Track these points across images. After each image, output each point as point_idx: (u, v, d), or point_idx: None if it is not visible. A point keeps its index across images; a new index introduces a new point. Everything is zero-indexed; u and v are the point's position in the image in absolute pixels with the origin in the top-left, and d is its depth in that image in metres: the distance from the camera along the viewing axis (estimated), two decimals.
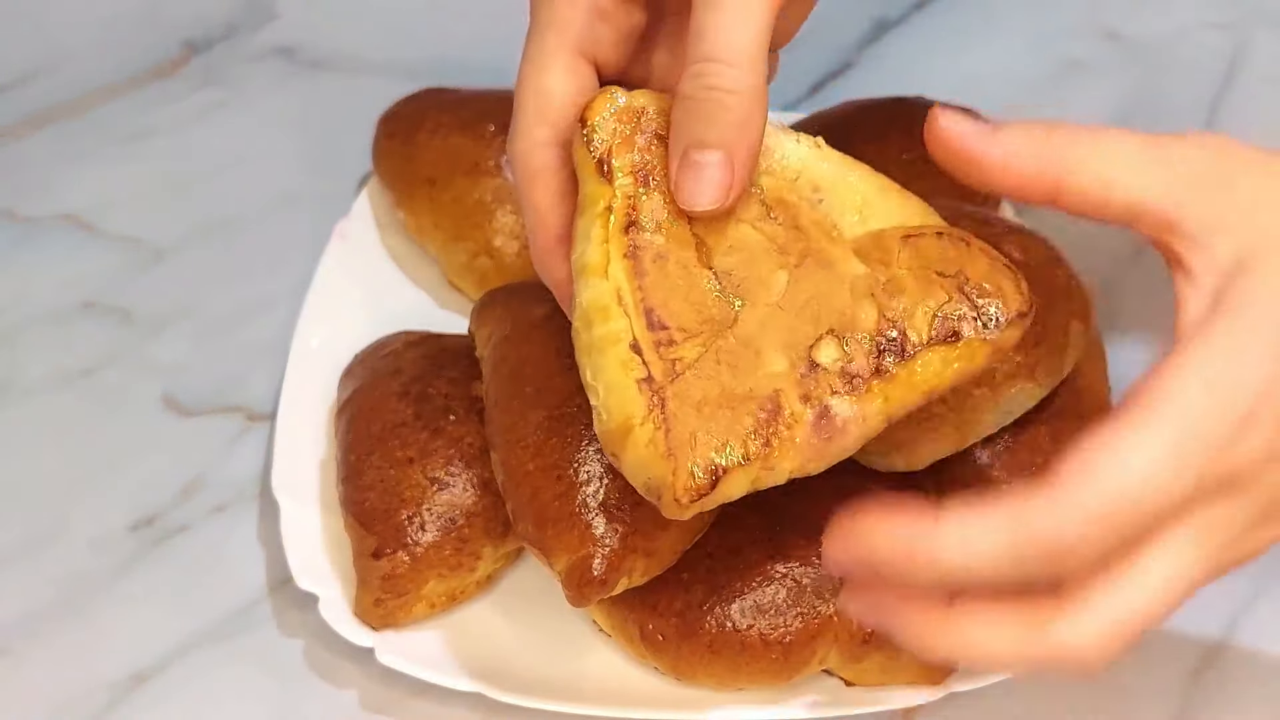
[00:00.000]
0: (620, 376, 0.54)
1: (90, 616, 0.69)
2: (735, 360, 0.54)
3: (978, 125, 0.52)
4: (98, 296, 0.81)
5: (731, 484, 0.53)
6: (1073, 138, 0.52)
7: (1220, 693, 0.67)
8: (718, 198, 0.54)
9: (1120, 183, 0.51)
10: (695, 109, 0.54)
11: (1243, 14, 0.98)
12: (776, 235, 0.56)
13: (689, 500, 0.53)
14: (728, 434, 0.53)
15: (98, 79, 0.92)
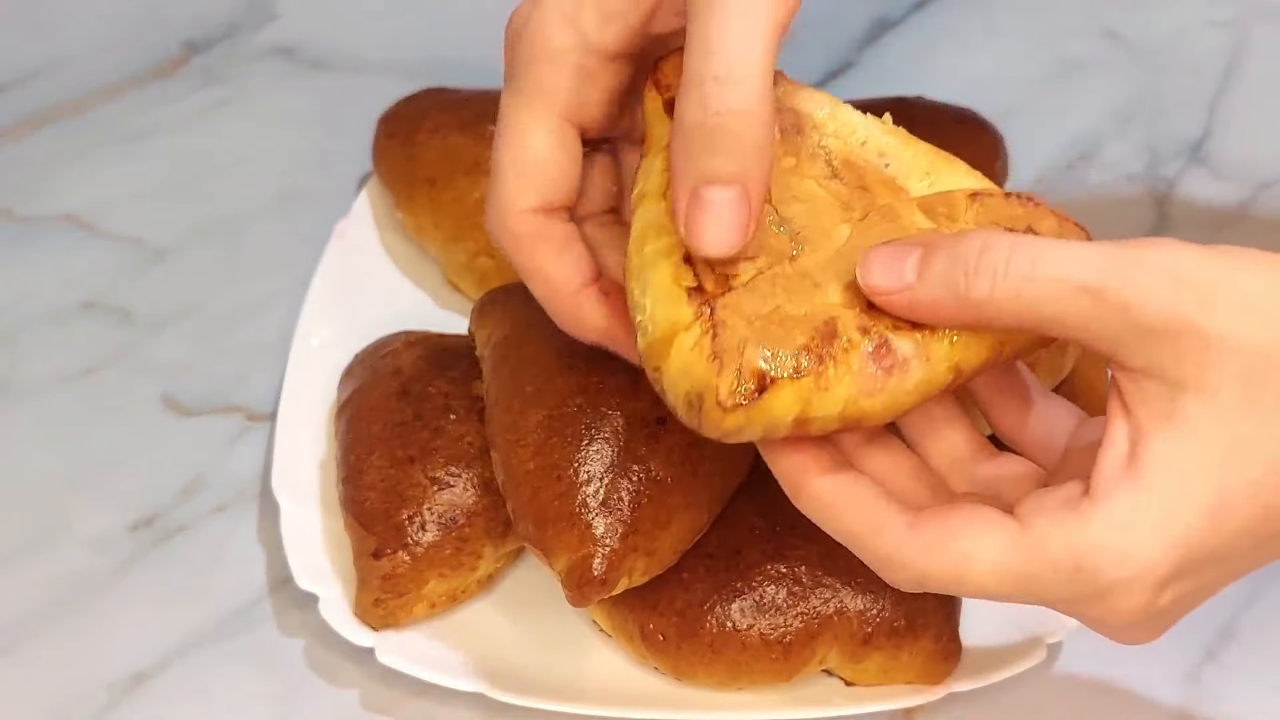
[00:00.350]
0: (670, 286, 0.51)
1: (90, 616, 0.69)
2: (791, 286, 0.51)
3: (898, 278, 0.50)
4: (98, 296, 0.81)
5: (779, 398, 0.50)
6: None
7: (1220, 692, 0.68)
8: (738, 239, 0.49)
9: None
10: (703, 138, 0.49)
11: (1242, 13, 0.98)
12: (841, 193, 0.54)
13: (732, 404, 0.49)
14: (779, 345, 0.50)
15: (98, 79, 0.92)
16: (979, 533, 0.49)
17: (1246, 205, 0.88)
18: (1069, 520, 0.48)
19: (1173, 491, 0.47)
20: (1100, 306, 0.47)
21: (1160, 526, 0.47)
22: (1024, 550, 0.49)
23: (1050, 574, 0.49)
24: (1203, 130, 0.92)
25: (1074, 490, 0.49)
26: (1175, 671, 0.68)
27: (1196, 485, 0.47)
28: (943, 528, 0.50)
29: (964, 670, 0.65)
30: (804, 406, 0.50)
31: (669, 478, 0.63)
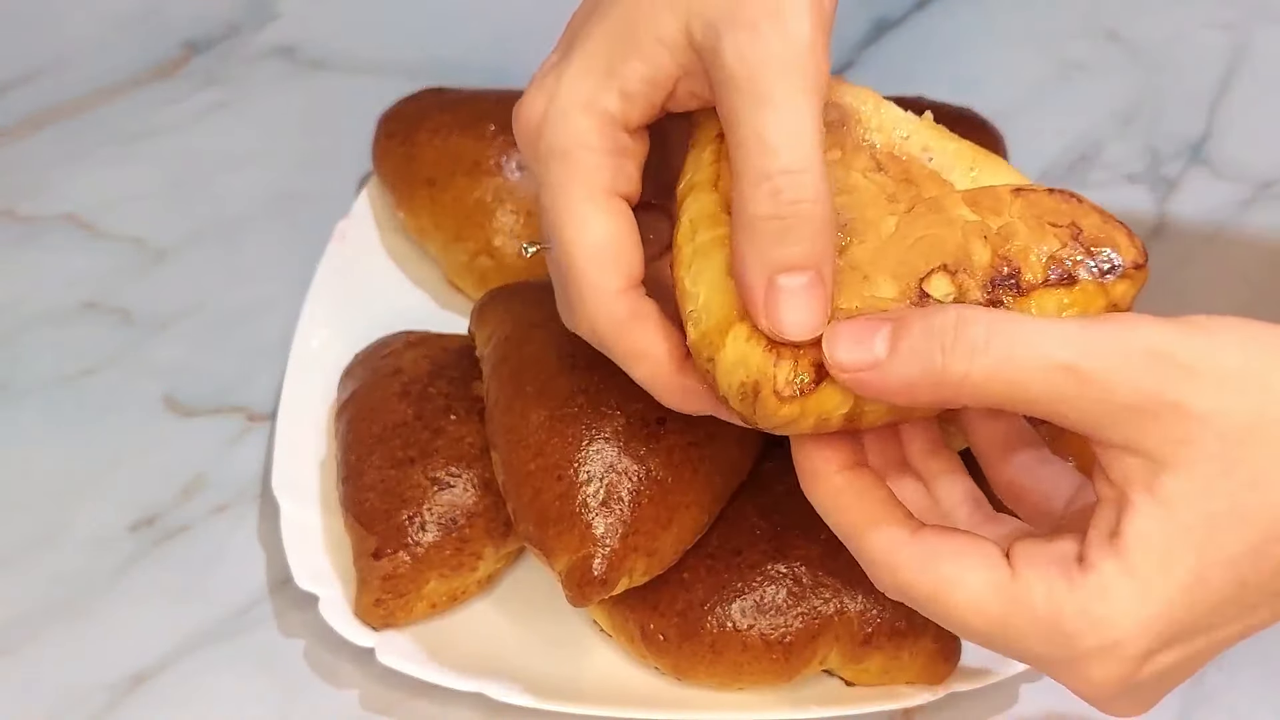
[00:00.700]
0: (724, 276, 0.51)
1: (90, 616, 0.69)
2: (841, 279, 0.51)
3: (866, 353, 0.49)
4: (98, 296, 0.81)
5: (836, 389, 0.50)
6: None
7: (1220, 693, 0.67)
8: (821, 320, 0.50)
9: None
10: (778, 229, 0.49)
11: (1242, 14, 0.98)
12: (886, 185, 0.54)
13: (789, 394, 0.50)
14: None
15: (98, 79, 0.92)
16: (971, 564, 0.49)
17: (1247, 205, 0.88)
18: (1057, 580, 0.48)
19: (1152, 568, 0.47)
20: (1080, 386, 0.46)
21: (1139, 601, 0.47)
22: (1007, 596, 0.49)
23: (1028, 627, 0.49)
24: (1203, 131, 0.92)
25: (1068, 551, 0.49)
26: None
27: (1176, 562, 0.47)
28: (937, 547, 0.50)
29: (964, 670, 0.65)
30: (859, 399, 0.50)
31: (669, 478, 0.63)
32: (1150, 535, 0.47)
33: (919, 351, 0.48)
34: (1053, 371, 0.47)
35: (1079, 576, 0.48)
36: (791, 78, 0.50)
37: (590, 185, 0.54)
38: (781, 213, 0.49)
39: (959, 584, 0.49)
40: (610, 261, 0.54)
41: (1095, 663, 0.48)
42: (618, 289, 0.54)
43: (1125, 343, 0.47)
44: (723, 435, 0.64)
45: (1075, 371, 0.46)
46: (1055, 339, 0.47)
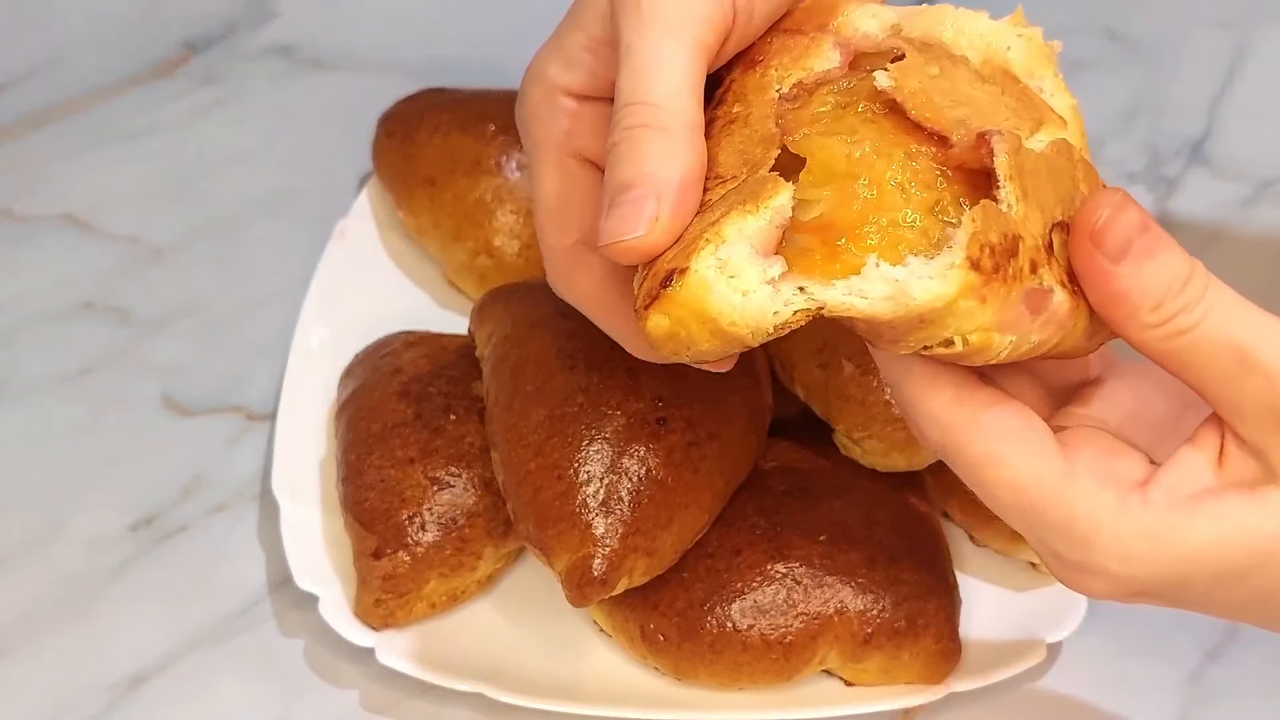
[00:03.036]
0: None
1: (90, 616, 0.69)
2: (747, 189, 0.49)
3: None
4: (97, 296, 0.81)
5: (685, 283, 0.47)
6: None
7: (1220, 693, 0.67)
8: (640, 227, 0.50)
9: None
10: (615, 155, 0.51)
11: (1243, 13, 0.98)
12: (1002, 99, 0.51)
13: (643, 304, 0.48)
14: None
15: (98, 79, 0.92)
16: (1026, 450, 0.49)
17: (1247, 204, 0.88)
18: (1112, 498, 0.49)
19: (1210, 546, 0.49)
20: (1248, 375, 0.48)
21: (1174, 562, 0.49)
22: (1055, 489, 0.49)
23: (1061, 524, 0.49)
24: (1204, 130, 0.92)
25: (1136, 471, 0.50)
26: (1177, 671, 0.68)
27: (1231, 558, 0.49)
28: (997, 421, 0.50)
29: (964, 670, 0.65)
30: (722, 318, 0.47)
31: (669, 478, 0.63)
32: (1228, 517, 0.49)
33: (1165, 274, 0.48)
34: (1228, 356, 0.48)
35: (1136, 507, 0.49)
36: (657, 26, 0.52)
37: (545, 147, 0.58)
38: (616, 138, 0.52)
39: (1006, 462, 0.49)
40: (559, 217, 0.57)
41: (1100, 579, 0.50)
42: (567, 244, 0.57)
43: None
44: (723, 435, 0.64)
45: (1247, 359, 0.47)
46: (1247, 331, 0.48)
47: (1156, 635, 0.68)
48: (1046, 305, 0.47)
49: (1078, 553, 0.50)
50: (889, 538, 0.65)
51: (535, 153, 0.58)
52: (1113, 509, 0.49)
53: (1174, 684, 0.68)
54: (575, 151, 0.57)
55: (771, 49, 0.54)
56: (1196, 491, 0.49)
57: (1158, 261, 0.48)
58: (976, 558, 0.70)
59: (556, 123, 0.57)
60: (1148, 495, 0.49)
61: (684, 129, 0.51)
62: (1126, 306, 0.48)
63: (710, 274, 0.47)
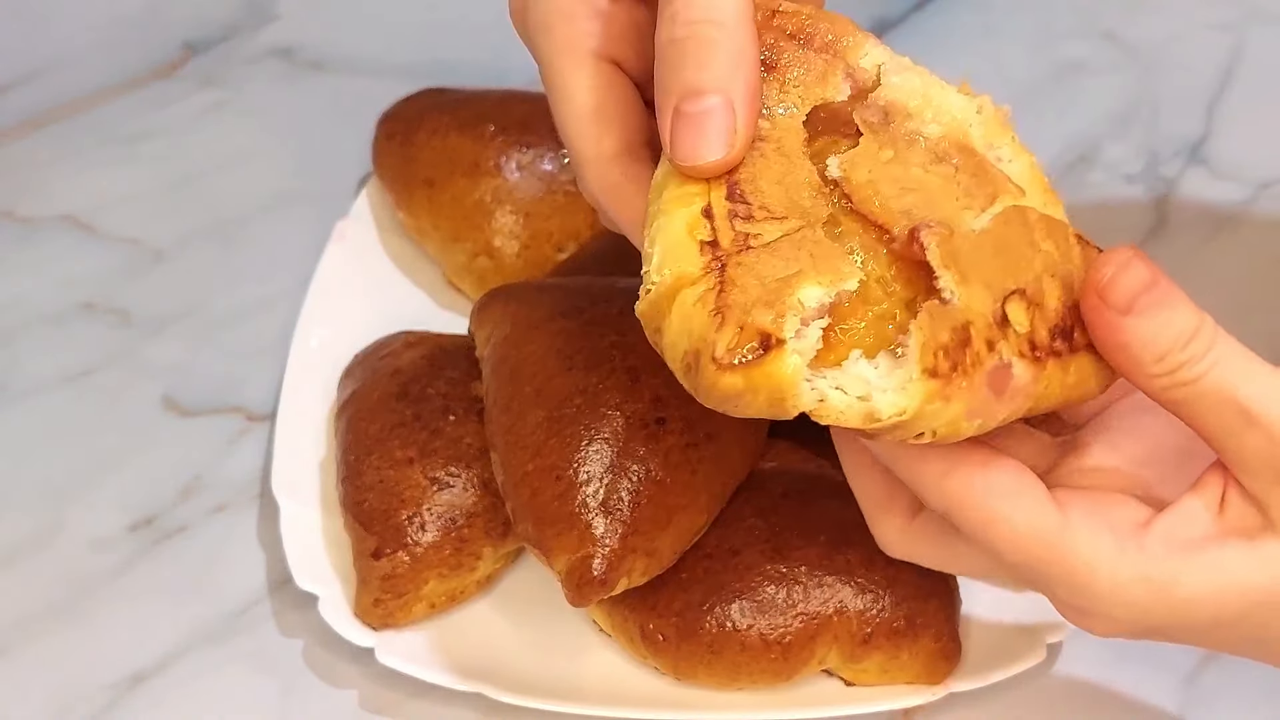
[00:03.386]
0: (682, 236, 0.47)
1: (90, 616, 0.69)
2: (819, 251, 0.47)
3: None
4: (97, 297, 0.81)
5: (781, 360, 0.45)
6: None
7: (1220, 693, 0.68)
8: (722, 146, 0.47)
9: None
10: (679, 53, 0.48)
11: (1241, 14, 0.98)
12: (956, 178, 0.50)
13: (729, 359, 0.45)
14: (788, 308, 0.46)
15: (98, 79, 0.92)
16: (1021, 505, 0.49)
17: (1246, 206, 0.88)
18: (1109, 545, 0.49)
19: (1206, 592, 0.49)
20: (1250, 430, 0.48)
21: (1172, 606, 0.50)
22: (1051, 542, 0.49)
23: (1060, 572, 0.50)
24: (1202, 131, 0.92)
25: (1135, 514, 0.50)
26: (1175, 673, 0.68)
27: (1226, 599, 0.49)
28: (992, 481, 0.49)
29: (964, 670, 0.65)
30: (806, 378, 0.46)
31: (668, 478, 0.63)
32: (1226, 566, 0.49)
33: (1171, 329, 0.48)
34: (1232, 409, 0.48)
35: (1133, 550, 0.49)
36: None
37: (573, 52, 0.53)
38: (678, 34, 0.48)
39: (1004, 520, 0.49)
40: (598, 125, 0.53)
41: (1103, 622, 0.51)
42: (610, 153, 0.53)
43: None
44: (722, 435, 0.64)
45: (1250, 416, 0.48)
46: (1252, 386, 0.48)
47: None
48: (1008, 383, 0.47)
49: (1080, 599, 0.50)
50: None
51: (559, 59, 0.53)
52: (1110, 555, 0.49)
53: (1172, 685, 0.68)
54: (607, 55, 0.54)
55: (784, 57, 0.51)
56: (1195, 537, 0.49)
57: (1164, 315, 0.48)
58: None
59: (585, 23, 0.53)
60: (1145, 541, 0.49)
61: (752, 31, 0.48)
62: (1132, 358, 0.48)
63: (800, 353, 0.46)
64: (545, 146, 0.78)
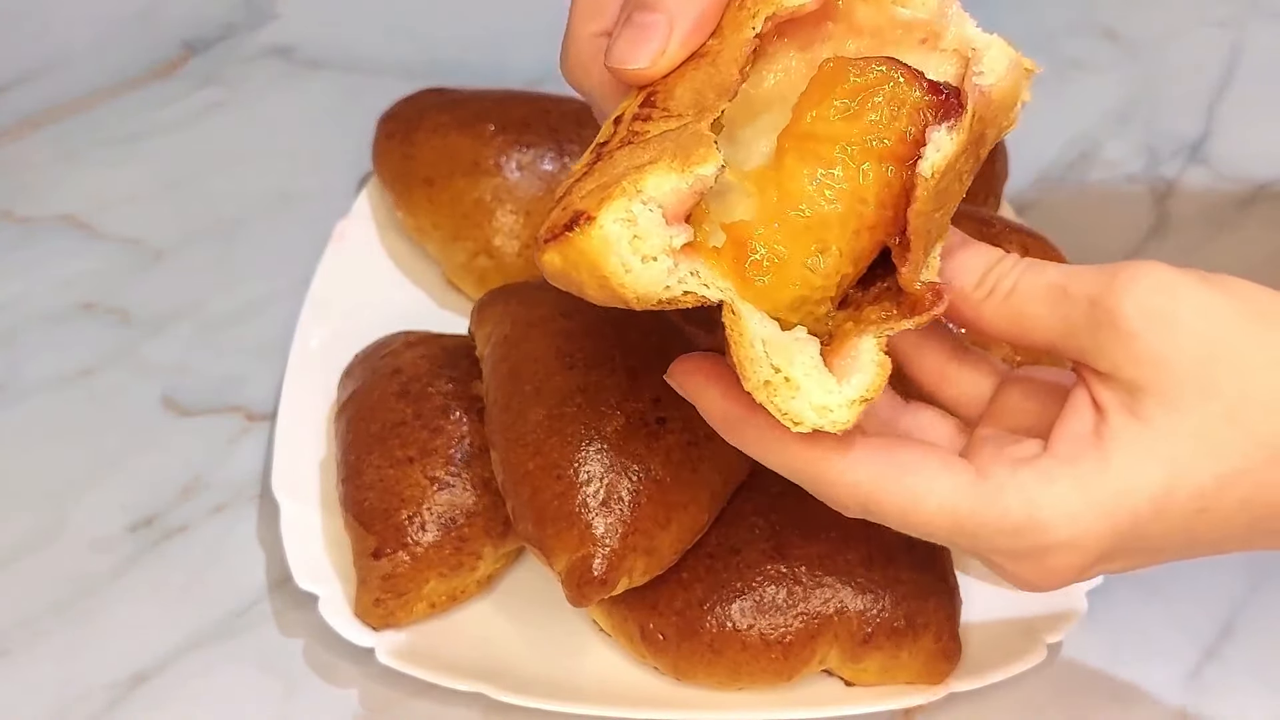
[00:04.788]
0: (592, 143, 0.51)
1: (90, 616, 0.69)
2: (686, 141, 0.48)
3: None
4: (97, 297, 0.81)
5: (588, 235, 0.47)
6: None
7: (1219, 692, 0.68)
8: (647, 59, 0.51)
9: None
10: None
11: (1240, 12, 0.98)
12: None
13: (546, 235, 0.47)
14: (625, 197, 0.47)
15: (98, 79, 0.92)
16: (936, 472, 0.51)
17: (1246, 204, 0.88)
18: (1027, 473, 0.50)
19: (1130, 473, 0.50)
20: (1068, 305, 0.51)
21: (1112, 500, 0.50)
22: (977, 495, 0.50)
23: (997, 521, 0.50)
24: (1202, 130, 0.92)
25: (1032, 448, 0.51)
26: (1176, 670, 0.68)
27: (1151, 474, 0.50)
28: (899, 460, 0.51)
29: (964, 670, 0.65)
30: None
31: (669, 477, 0.63)
32: (1131, 443, 0.50)
33: (965, 271, 0.53)
34: (1049, 293, 0.51)
35: (1053, 469, 0.50)
36: None
37: None
38: None
39: (926, 494, 0.51)
40: (592, 7, 0.55)
41: (1059, 553, 0.51)
42: (594, 31, 0.55)
43: (1113, 270, 0.50)
44: None
45: (1064, 290, 0.51)
46: (1057, 270, 0.52)
47: (1155, 635, 0.69)
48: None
49: (1024, 538, 0.50)
50: (888, 537, 0.65)
51: None
52: (1034, 481, 0.50)
53: (1172, 683, 0.68)
54: None
55: None
56: (1090, 430, 0.50)
57: (969, 250, 0.53)
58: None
59: None
60: (1056, 453, 0.51)
61: None
62: (957, 291, 0.52)
63: (615, 232, 0.47)
64: (545, 146, 0.78)
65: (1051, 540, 0.50)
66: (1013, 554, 0.51)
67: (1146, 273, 0.50)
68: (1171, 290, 0.50)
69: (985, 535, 0.51)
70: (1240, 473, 0.50)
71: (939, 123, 0.49)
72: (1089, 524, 0.50)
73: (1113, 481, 0.50)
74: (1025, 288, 0.52)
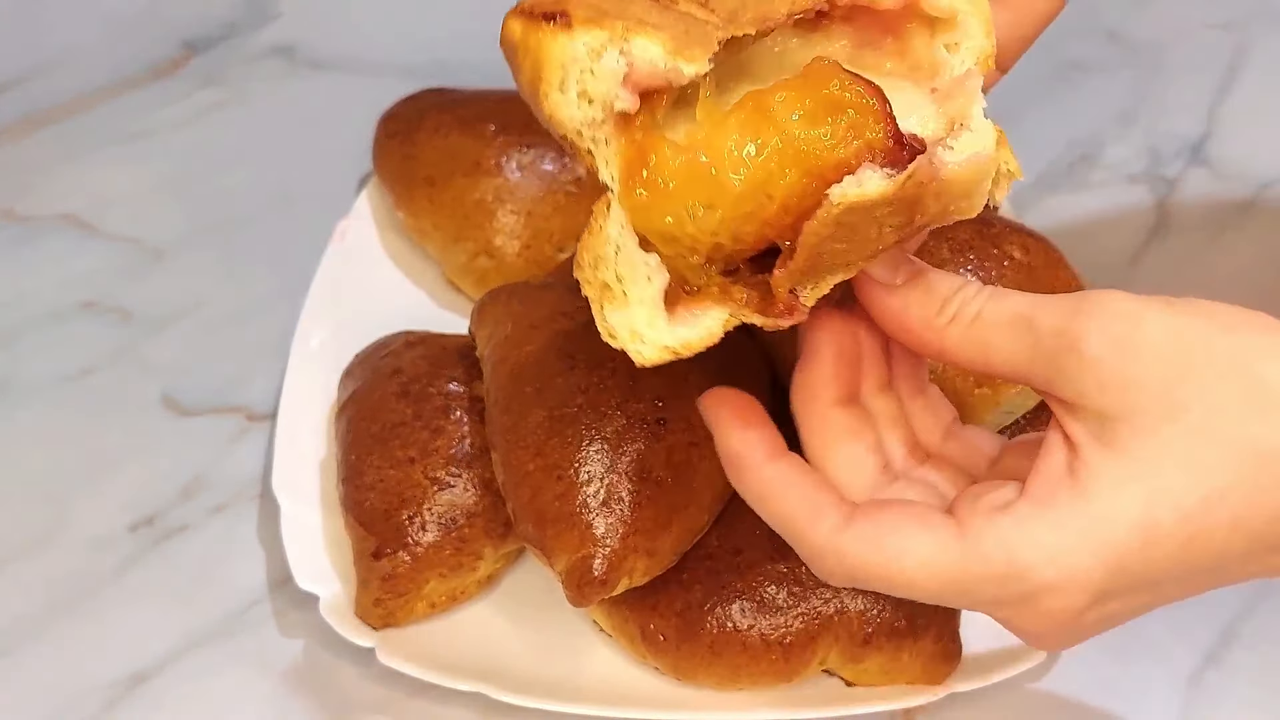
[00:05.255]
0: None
1: (90, 616, 0.69)
2: (693, 29, 0.49)
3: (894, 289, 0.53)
4: (98, 296, 0.81)
5: (552, 34, 0.48)
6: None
7: (1220, 693, 0.67)
8: None
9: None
10: None
11: (1242, 14, 0.98)
12: None
13: (524, 6, 0.49)
14: None
15: (98, 79, 0.92)
16: (915, 529, 0.50)
17: (1247, 205, 0.88)
18: (1004, 519, 0.50)
19: (1108, 505, 0.49)
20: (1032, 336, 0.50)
21: (1093, 535, 0.49)
22: (957, 548, 0.50)
23: (980, 572, 0.50)
24: (1203, 131, 0.92)
25: (1009, 493, 0.51)
26: (1176, 673, 0.68)
27: (1130, 504, 0.49)
28: (879, 522, 0.51)
29: (964, 670, 0.65)
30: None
31: (669, 478, 0.63)
32: (1107, 475, 0.49)
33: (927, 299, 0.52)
34: (1013, 321, 0.50)
35: (1027, 511, 0.49)
36: None
37: None
38: None
39: (906, 552, 0.50)
40: None
41: (1048, 596, 0.50)
42: None
43: (1078, 299, 0.50)
44: None
45: (1028, 319, 0.50)
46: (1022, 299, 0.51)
47: (1155, 638, 0.69)
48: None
49: (1009, 586, 0.50)
50: None
51: None
52: (1010, 526, 0.49)
53: (1173, 686, 0.68)
54: None
55: None
56: (1064, 468, 0.50)
57: (930, 277, 0.53)
58: None
59: None
60: (1031, 495, 0.50)
61: None
62: (917, 319, 0.52)
63: (577, 54, 0.48)
64: (546, 146, 0.78)
65: (1036, 584, 0.49)
66: (1004, 603, 0.51)
67: (1110, 300, 0.49)
68: (1135, 316, 0.49)
69: (973, 587, 0.50)
70: (1226, 488, 0.48)
71: (878, 165, 0.48)
72: (1071, 562, 0.49)
73: (1092, 516, 0.49)
74: (989, 315, 0.51)
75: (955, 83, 0.51)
